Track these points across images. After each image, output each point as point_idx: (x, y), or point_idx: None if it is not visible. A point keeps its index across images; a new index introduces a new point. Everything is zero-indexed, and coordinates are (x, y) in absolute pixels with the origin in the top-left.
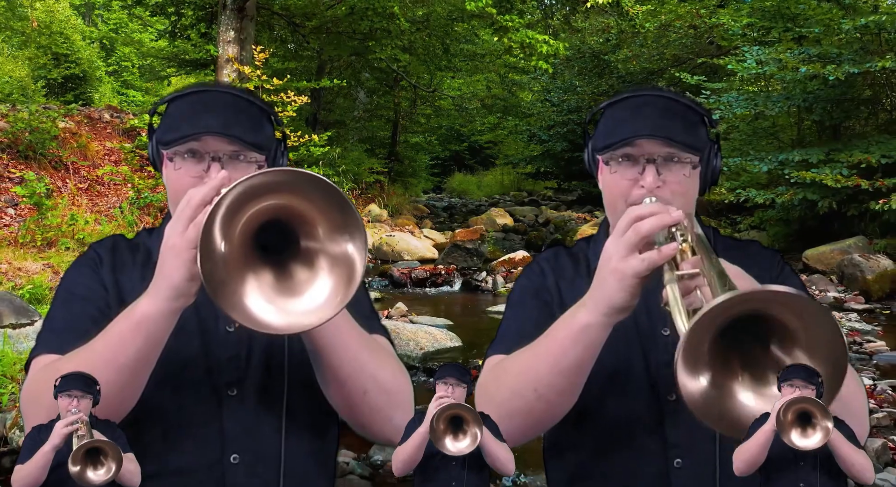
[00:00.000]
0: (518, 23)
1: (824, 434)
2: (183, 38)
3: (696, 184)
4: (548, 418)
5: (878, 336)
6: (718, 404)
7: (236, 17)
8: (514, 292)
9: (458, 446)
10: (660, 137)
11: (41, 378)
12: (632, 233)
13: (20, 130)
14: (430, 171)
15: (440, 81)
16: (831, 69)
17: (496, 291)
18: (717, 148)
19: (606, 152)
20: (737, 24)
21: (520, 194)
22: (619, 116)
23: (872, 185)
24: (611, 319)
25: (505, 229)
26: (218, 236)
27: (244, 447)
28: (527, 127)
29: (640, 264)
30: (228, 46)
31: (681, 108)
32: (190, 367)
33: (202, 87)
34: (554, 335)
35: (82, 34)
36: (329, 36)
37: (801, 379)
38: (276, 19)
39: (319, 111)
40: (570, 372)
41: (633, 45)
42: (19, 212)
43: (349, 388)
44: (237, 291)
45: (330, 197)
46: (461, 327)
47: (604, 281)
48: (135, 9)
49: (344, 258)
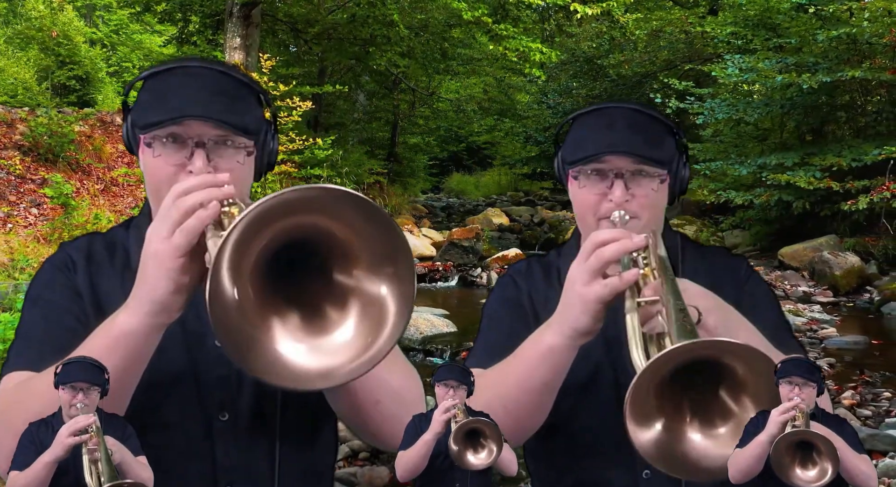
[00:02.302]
0: (513, 31)
1: (821, 474)
2: (190, 44)
3: (664, 197)
4: (518, 433)
5: (836, 326)
6: (670, 449)
7: (242, 25)
8: (490, 304)
9: (479, 458)
10: (627, 152)
11: (11, 398)
12: (594, 259)
13: (40, 135)
14: (429, 171)
15: (438, 84)
16: (806, 78)
17: (490, 285)
18: (684, 159)
19: (576, 166)
20: (722, 32)
21: (517, 195)
22: (587, 129)
23: (843, 187)
24: (575, 342)
25: (501, 228)
26: (227, 279)
27: (237, 477)
28: (523, 129)
29: (602, 290)
30: (235, 53)
31: (648, 121)
32: (177, 389)
33: (182, 61)
34: (522, 355)
35: (84, 36)
36: (331, 41)
37: (800, 376)
38: (279, 25)
39: (320, 114)
40: (537, 391)
41: (625, 50)
42: (42, 212)
43: (361, 398)
44: (265, 341)
45: (377, 224)
46: (457, 316)
47: (568, 305)
48: (144, 15)
49: (380, 302)
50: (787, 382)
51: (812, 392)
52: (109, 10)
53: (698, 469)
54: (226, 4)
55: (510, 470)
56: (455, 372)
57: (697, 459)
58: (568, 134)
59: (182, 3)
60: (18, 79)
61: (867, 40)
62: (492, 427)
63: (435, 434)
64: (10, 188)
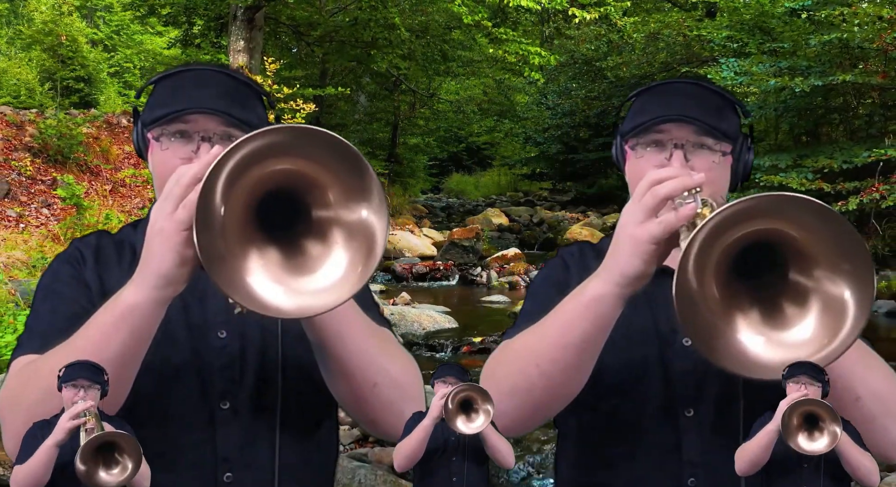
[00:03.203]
0: (512, 35)
1: (832, 439)
2: (194, 46)
3: (726, 174)
4: (550, 398)
5: None
6: (723, 338)
7: (246, 28)
8: (535, 283)
9: (471, 426)
10: (688, 119)
11: (19, 378)
12: (650, 196)
13: (49, 136)
14: (429, 171)
15: (438, 85)
16: (798, 81)
17: (490, 284)
18: (749, 142)
19: (633, 137)
20: (718, 35)
21: (516, 195)
22: (648, 102)
23: (834, 188)
24: (624, 290)
25: (500, 228)
26: (218, 201)
27: (237, 465)
28: (522, 130)
29: (656, 228)
30: (239, 55)
31: (712, 95)
32: (179, 379)
33: (191, 65)
34: (562, 309)
35: (86, 37)
36: (333, 44)
37: (807, 376)
38: (282, 28)
39: (322, 115)
40: (576, 348)
41: (623, 52)
42: (52, 212)
43: (358, 381)
44: (239, 268)
45: (344, 158)
46: (458, 313)
47: (618, 248)
48: (148, 19)
49: (361, 227)
50: (793, 382)
51: (817, 392)
52: (110, 11)
53: (747, 363)
54: (230, 8)
55: (508, 462)
56: (454, 370)
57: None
58: (629, 112)
59: (187, 6)
60: (21, 80)
61: (858, 45)
62: (481, 391)
63: (433, 419)
64: (21, 189)
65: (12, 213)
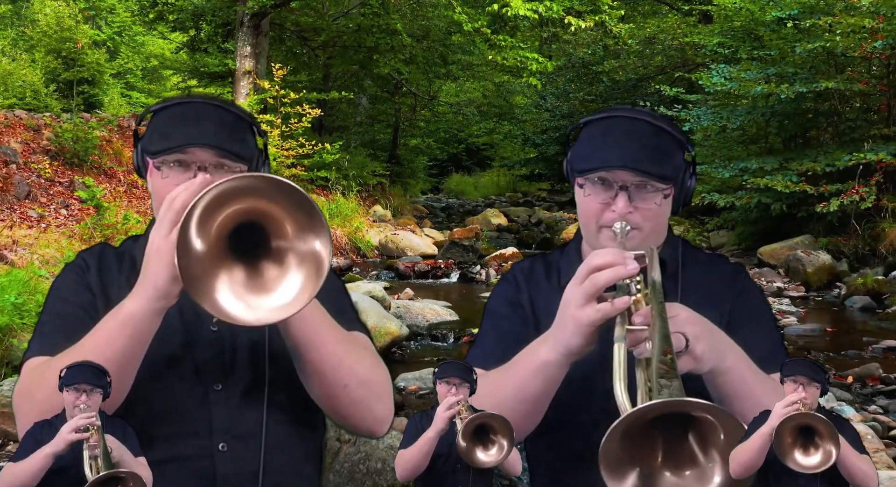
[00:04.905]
0: (510, 42)
1: (825, 458)
2: (201, 51)
3: (667, 209)
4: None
5: (799, 317)
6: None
7: (252, 34)
8: (492, 301)
9: (490, 455)
10: (632, 168)
11: (33, 376)
12: (589, 284)
13: (66, 140)
14: (428, 172)
15: (438, 88)
16: (784, 88)
17: (488, 281)
18: (692, 170)
19: (580, 175)
20: (710, 42)
21: (515, 195)
22: (595, 140)
23: (817, 190)
24: (568, 359)
25: (499, 228)
26: (194, 234)
27: (231, 437)
28: (521, 131)
29: (595, 314)
30: (245, 60)
31: (657, 134)
32: (176, 365)
33: (188, 98)
34: (518, 366)
35: (89, 38)
36: (336, 49)
37: (804, 375)
38: (287, 34)
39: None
40: (531, 401)
41: (619, 56)
42: (70, 212)
43: (329, 382)
44: (210, 286)
45: (297, 200)
46: (458, 307)
47: (563, 325)
48: (157, 25)
49: (311, 255)
50: (791, 380)
51: (816, 392)
52: (112, 12)
53: None
54: (237, 14)
55: (515, 470)
56: (457, 370)
57: None
58: (577, 138)
59: (194, 13)
60: (26, 82)
61: (842, 53)
62: (501, 421)
63: (437, 432)
64: (41, 191)
65: (34, 213)
